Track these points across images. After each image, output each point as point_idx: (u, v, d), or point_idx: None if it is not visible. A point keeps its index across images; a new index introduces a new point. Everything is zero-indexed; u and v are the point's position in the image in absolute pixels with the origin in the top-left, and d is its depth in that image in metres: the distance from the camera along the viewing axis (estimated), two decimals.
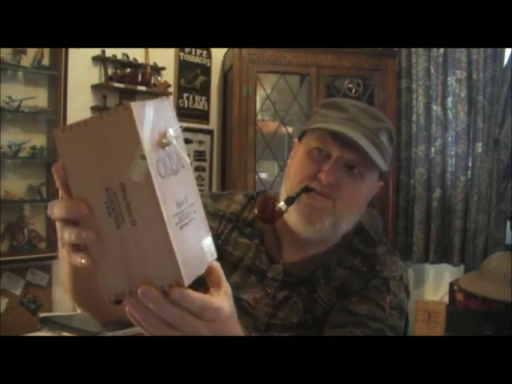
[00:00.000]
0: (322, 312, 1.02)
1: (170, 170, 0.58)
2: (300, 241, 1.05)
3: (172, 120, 0.61)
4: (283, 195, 1.03)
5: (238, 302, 0.99)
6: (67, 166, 0.58)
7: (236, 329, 0.65)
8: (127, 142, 0.55)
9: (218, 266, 0.65)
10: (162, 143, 0.57)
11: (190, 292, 0.58)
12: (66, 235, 0.58)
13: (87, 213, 0.57)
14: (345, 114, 1.02)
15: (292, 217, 1.02)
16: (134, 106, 0.54)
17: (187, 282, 0.57)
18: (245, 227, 1.12)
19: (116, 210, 0.57)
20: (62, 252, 0.61)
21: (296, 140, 1.11)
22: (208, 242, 0.63)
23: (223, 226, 1.12)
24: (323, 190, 0.99)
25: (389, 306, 1.00)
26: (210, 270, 0.65)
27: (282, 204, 0.99)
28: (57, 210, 0.58)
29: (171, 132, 0.59)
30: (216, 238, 1.04)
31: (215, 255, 0.64)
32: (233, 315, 0.64)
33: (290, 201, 0.99)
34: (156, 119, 0.57)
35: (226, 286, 0.65)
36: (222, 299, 0.63)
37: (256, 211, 1.01)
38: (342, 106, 1.04)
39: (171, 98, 3.14)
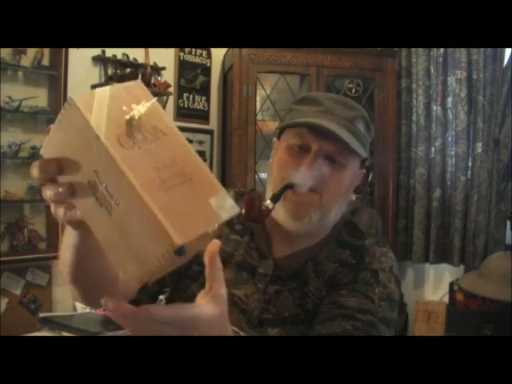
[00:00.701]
0: (313, 305, 1.03)
1: (142, 140, 0.59)
2: (289, 236, 1.07)
3: (140, 96, 0.62)
4: (268, 193, 1.03)
5: (231, 297, 1.00)
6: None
7: (223, 333, 0.64)
8: (83, 130, 0.58)
9: (219, 267, 0.65)
10: (126, 120, 0.59)
11: (158, 309, 0.58)
12: (47, 193, 0.62)
13: (56, 171, 0.60)
14: (319, 107, 1.03)
15: (280, 214, 1.03)
16: (79, 97, 0.58)
17: (182, 239, 0.55)
18: (235, 224, 1.13)
19: (102, 198, 0.58)
20: (57, 213, 0.63)
21: (275, 139, 1.12)
22: (218, 199, 0.61)
23: None
24: None
25: (378, 297, 1.00)
26: (210, 268, 0.65)
27: (268, 202, 0.99)
28: (34, 170, 0.61)
29: (136, 107, 0.60)
30: None
31: (235, 210, 0.62)
32: (216, 322, 0.63)
33: (275, 198, 1.00)
34: (114, 101, 0.60)
35: (216, 288, 0.64)
36: (204, 305, 0.62)
37: (243, 211, 1.01)
38: (315, 100, 1.05)
39: (171, 98, 3.14)
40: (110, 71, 2.90)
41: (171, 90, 3.11)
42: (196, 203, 0.59)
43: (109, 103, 0.59)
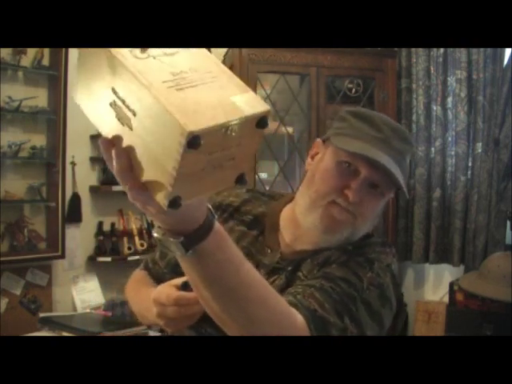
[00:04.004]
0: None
1: (159, 53, 0.62)
2: (301, 235, 1.07)
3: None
4: (305, 198, 1.05)
5: None
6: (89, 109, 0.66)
7: (192, 214, 0.66)
8: (100, 55, 0.63)
9: None
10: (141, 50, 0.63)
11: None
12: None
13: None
14: (378, 134, 1.03)
15: (310, 221, 1.04)
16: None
17: (193, 127, 0.54)
18: (245, 219, 1.14)
19: (122, 116, 0.59)
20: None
21: (319, 140, 1.12)
22: (243, 96, 0.60)
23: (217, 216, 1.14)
24: (348, 206, 1.01)
25: (368, 281, 0.97)
26: None
27: None
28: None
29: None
30: None
31: (262, 107, 0.61)
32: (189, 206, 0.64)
33: None
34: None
35: None
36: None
37: None
38: (374, 123, 1.04)
39: None
40: None
41: None
42: (217, 100, 0.58)
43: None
